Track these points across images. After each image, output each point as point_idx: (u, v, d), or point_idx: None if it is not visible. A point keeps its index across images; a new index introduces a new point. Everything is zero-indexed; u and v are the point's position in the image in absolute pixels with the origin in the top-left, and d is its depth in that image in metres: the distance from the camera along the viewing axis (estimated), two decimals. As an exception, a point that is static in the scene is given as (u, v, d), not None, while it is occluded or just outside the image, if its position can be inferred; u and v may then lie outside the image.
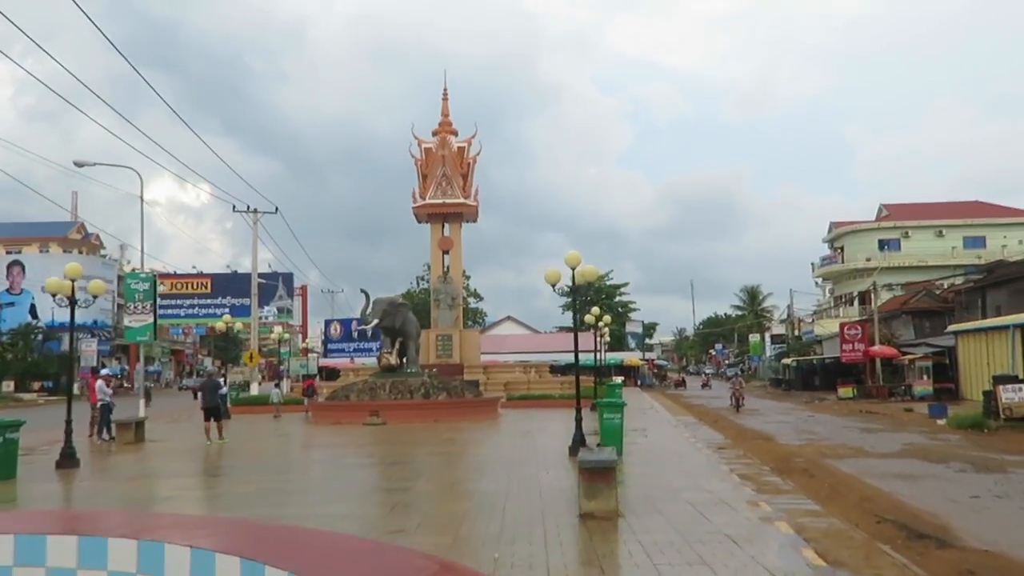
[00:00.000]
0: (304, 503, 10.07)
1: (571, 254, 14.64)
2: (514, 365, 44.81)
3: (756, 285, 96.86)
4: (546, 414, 27.46)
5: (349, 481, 11.84)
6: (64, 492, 11.79)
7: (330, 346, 76.59)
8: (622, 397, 29.87)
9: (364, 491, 10.83)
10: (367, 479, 11.98)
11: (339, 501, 9.97)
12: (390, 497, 10.27)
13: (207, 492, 11.39)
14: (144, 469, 14.50)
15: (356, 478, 12.19)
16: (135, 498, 10.98)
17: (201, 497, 10.87)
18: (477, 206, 42.88)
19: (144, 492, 11.71)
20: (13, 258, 73.28)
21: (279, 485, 11.71)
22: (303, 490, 11.16)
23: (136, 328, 24.12)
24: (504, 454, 15.35)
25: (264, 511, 9.17)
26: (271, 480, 12.35)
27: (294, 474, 13.24)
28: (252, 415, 30.07)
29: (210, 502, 10.48)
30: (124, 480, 13.15)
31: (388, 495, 10.45)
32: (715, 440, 20.17)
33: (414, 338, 27.73)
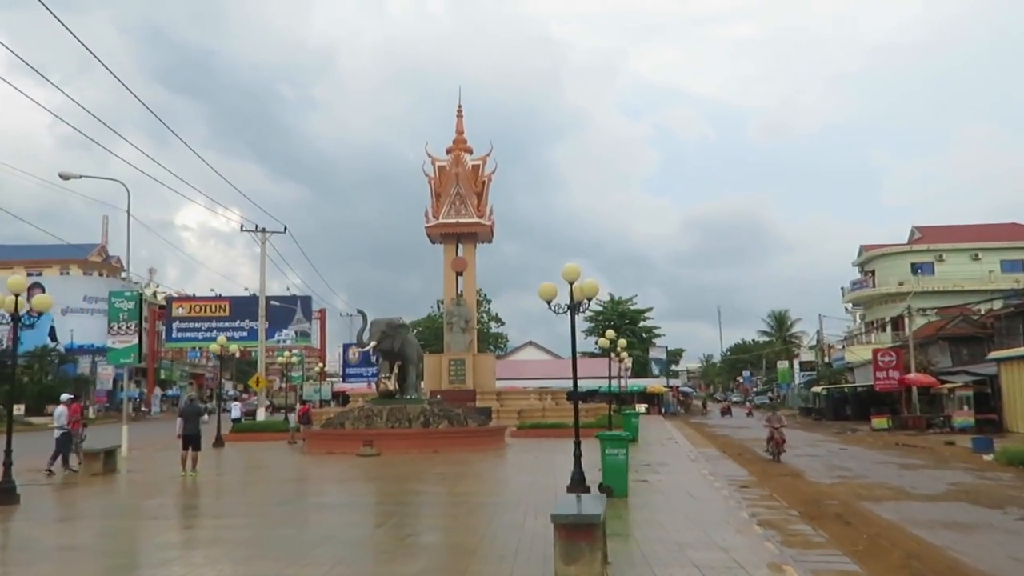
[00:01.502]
0: (230, 557, 8.44)
1: (568, 267, 12.99)
2: (530, 392, 43.00)
3: (784, 311, 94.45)
4: (557, 445, 25.59)
5: (294, 530, 10.13)
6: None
7: (348, 371, 75.33)
8: (638, 427, 28.22)
9: (304, 542, 9.12)
10: (317, 526, 10.26)
11: (265, 558, 8.30)
12: (330, 551, 8.56)
13: (130, 541, 9.76)
14: (88, 508, 12.95)
15: (305, 525, 10.46)
16: (42, 547, 9.40)
17: (116, 549, 9.24)
18: (492, 226, 41.39)
19: (59, 538, 10.12)
20: (34, 280, 72.84)
21: (220, 533, 10.09)
22: (238, 540, 9.49)
23: (119, 350, 22.69)
24: (494, 493, 13.63)
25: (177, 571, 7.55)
26: (212, 526, 10.75)
27: (244, 518, 11.56)
28: (254, 443, 28.53)
29: (126, 555, 8.87)
30: (52, 521, 11.61)
31: (330, 548, 8.73)
32: (737, 476, 18.27)
33: (414, 362, 26.07)
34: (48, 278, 73.34)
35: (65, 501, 13.82)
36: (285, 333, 68.33)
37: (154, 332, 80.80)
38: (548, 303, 13.15)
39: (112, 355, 23.25)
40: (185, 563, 8.05)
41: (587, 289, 12.98)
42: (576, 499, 7.83)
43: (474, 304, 42.78)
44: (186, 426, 17.48)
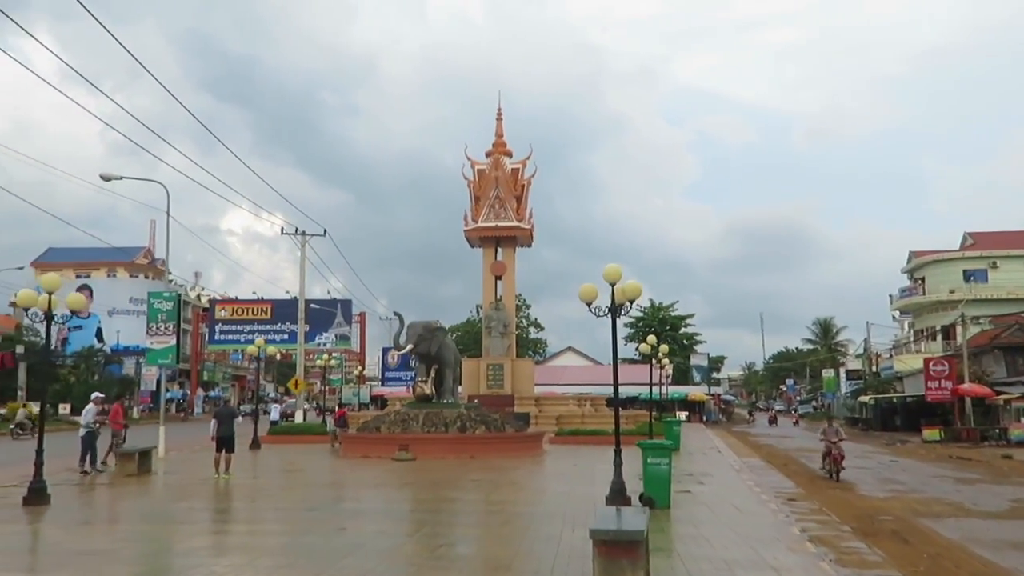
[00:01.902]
0: (255, 566, 8.08)
1: (610, 268, 12.46)
2: (569, 398, 42.39)
3: (830, 318, 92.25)
4: (596, 452, 25.00)
5: (323, 538, 9.76)
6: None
7: (388, 374, 75.43)
8: (680, 435, 27.48)
9: (332, 551, 8.73)
10: (347, 534, 9.86)
11: (291, 567, 7.93)
12: (358, 562, 8.16)
13: (153, 546, 9.48)
14: (116, 510, 12.77)
15: (335, 533, 10.07)
16: (63, 551, 9.17)
17: (137, 554, 8.95)
18: (531, 229, 40.92)
19: (83, 541, 9.89)
20: (82, 282, 74.19)
21: (247, 540, 9.79)
22: (265, 548, 9.15)
23: (157, 350, 22.67)
24: (530, 502, 13.14)
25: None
26: (240, 531, 10.46)
27: (273, 523, 11.23)
28: (292, 445, 28.38)
29: (147, 561, 8.58)
30: (78, 523, 11.38)
31: (358, 559, 8.32)
32: (784, 488, 17.55)
33: (451, 366, 25.67)
34: (96, 280, 74.75)
35: (95, 503, 13.67)
36: (325, 336, 68.56)
37: (197, 334, 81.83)
38: (588, 305, 12.64)
39: (150, 355, 23.27)
40: (207, 572, 7.72)
41: (629, 291, 12.44)
42: (616, 512, 7.32)
43: (513, 308, 42.31)
44: (220, 428, 17.32)
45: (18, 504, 12.55)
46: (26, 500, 12.66)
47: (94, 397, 18.47)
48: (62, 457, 21.03)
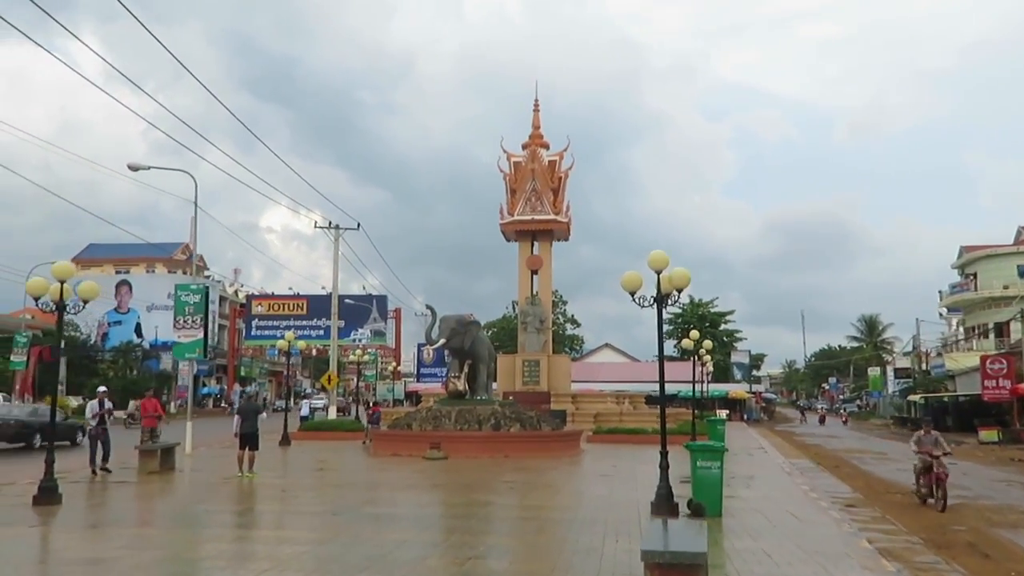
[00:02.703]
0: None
1: (655, 254, 11.45)
2: (607, 395, 41.27)
3: (875, 315, 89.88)
4: (636, 452, 23.99)
5: (342, 547, 8.91)
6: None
7: (423, 370, 74.93)
8: (724, 434, 26.30)
9: (349, 565, 7.87)
10: (368, 543, 8.98)
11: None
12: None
13: (159, 554, 8.69)
14: (129, 511, 12.04)
15: (356, 541, 9.20)
16: (64, 559, 8.45)
17: (141, 563, 8.15)
18: (568, 223, 39.85)
19: (88, 547, 9.16)
20: (121, 278, 74.76)
21: (260, 548, 8.99)
22: (278, 558, 8.32)
23: (184, 344, 22.09)
24: (568, 507, 12.17)
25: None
26: (254, 538, 9.68)
27: (291, 529, 10.36)
28: (322, 442, 27.79)
29: (149, 572, 7.78)
30: (87, 527, 10.69)
31: (373, 574, 7.47)
32: (840, 493, 16.38)
33: (485, 361, 24.75)
34: (135, 276, 75.25)
35: (108, 503, 12.98)
36: (361, 332, 68.22)
37: (234, 329, 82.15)
38: (632, 295, 11.65)
39: (177, 349, 22.70)
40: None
41: (676, 279, 11.42)
42: (665, 526, 6.34)
43: (549, 303, 41.30)
44: (243, 424, 16.62)
45: (28, 504, 11.94)
46: (36, 499, 12.05)
47: (98, 392, 17.62)
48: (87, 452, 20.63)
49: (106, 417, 16.73)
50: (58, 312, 12.26)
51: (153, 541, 9.32)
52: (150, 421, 20.45)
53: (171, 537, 9.71)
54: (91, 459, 16.37)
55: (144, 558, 8.21)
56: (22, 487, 13.71)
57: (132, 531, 9.86)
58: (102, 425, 16.54)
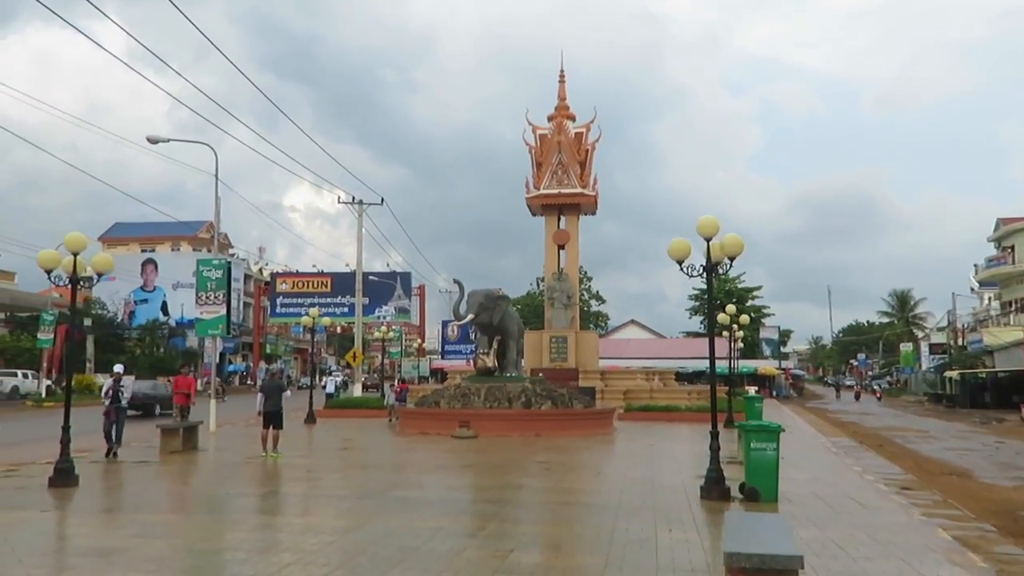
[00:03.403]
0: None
1: (704, 220, 10.58)
2: (636, 371, 40.45)
3: (907, 290, 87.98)
4: (671, 430, 23.23)
5: (372, 536, 8.22)
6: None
7: (447, 347, 74.56)
8: (762, 413, 25.40)
9: (380, 559, 7.15)
10: (400, 532, 8.27)
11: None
12: (407, 574, 6.59)
13: (173, 543, 8.04)
14: (148, 495, 11.40)
15: (387, 529, 8.48)
16: (72, 547, 7.85)
17: (154, 555, 7.51)
18: (596, 196, 38.82)
19: (99, 535, 8.56)
20: (147, 256, 74.81)
21: (284, 536, 8.33)
22: (302, 550, 7.65)
23: (207, 320, 21.52)
24: (610, 491, 11.40)
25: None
26: (277, 526, 9.04)
27: (317, 515, 9.72)
28: (347, 419, 27.31)
29: (160, 564, 7.13)
30: (101, 511, 10.12)
31: (407, 569, 6.76)
32: (892, 475, 15.47)
33: (515, 337, 23.97)
34: (160, 255, 75.30)
35: (127, 485, 12.39)
36: (385, 309, 67.76)
37: (259, 307, 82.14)
38: (679, 263, 10.79)
39: (200, 326, 22.15)
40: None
41: (728, 246, 10.56)
42: (744, 521, 5.55)
43: (576, 279, 40.43)
44: (266, 403, 16.00)
45: (44, 486, 11.41)
46: (52, 481, 11.52)
47: (113, 370, 16.45)
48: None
49: (120, 395, 15.83)
50: (72, 286, 11.64)
51: (169, 528, 8.70)
52: (181, 398, 20.19)
53: (189, 524, 9.09)
54: (106, 437, 15.58)
55: (158, 548, 7.58)
56: (41, 467, 13.20)
57: (148, 517, 9.24)
58: (115, 404, 15.66)
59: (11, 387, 42.13)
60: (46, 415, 28.08)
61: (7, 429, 21.34)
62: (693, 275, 10.86)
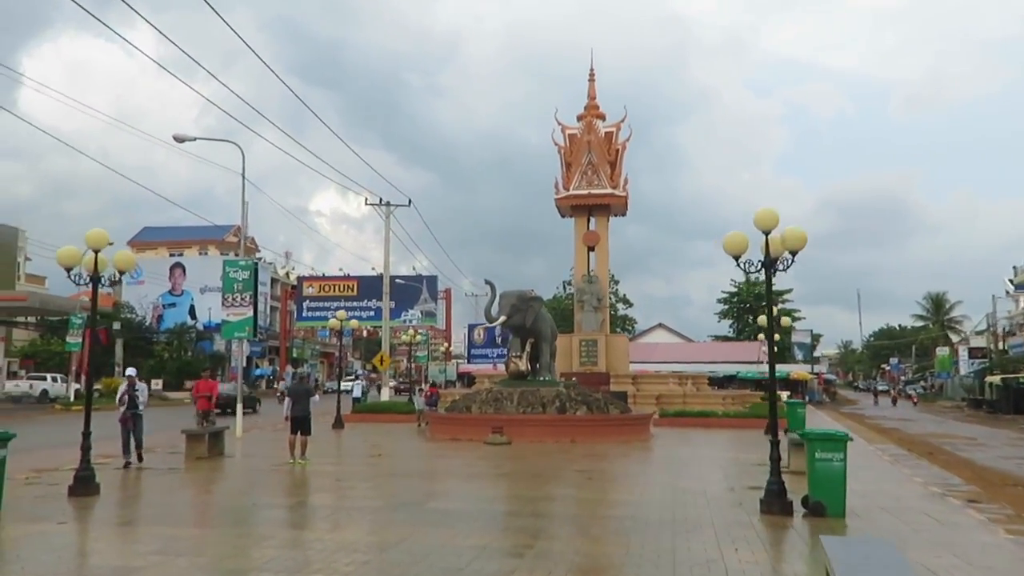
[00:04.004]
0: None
1: (763, 212, 9.84)
2: (668, 376, 39.52)
3: (942, 293, 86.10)
4: (710, 437, 22.40)
5: (409, 556, 7.55)
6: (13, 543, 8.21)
7: (473, 351, 74.01)
8: (805, 420, 24.46)
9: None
10: (439, 552, 7.59)
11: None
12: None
13: (195, 562, 7.42)
14: (171, 505, 10.81)
15: (424, 549, 7.79)
16: (87, 568, 7.27)
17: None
18: (626, 197, 37.99)
19: (116, 551, 7.98)
20: (175, 260, 75.03)
21: (315, 555, 7.68)
22: (335, 572, 7.00)
23: (234, 323, 21.06)
24: (661, 503, 10.65)
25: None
26: (307, 542, 8.41)
27: (349, 529, 9.06)
28: (375, 424, 26.80)
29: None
30: (119, 524, 9.52)
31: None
32: (952, 485, 14.57)
33: (548, 340, 23.26)
34: (188, 259, 75.52)
35: (149, 494, 11.81)
36: (411, 313, 67.37)
37: (286, 311, 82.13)
38: (736, 259, 10.05)
39: (226, 328, 21.66)
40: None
41: (790, 240, 9.79)
42: (847, 546, 4.81)
43: (607, 281, 39.63)
44: (294, 407, 15.41)
45: (64, 495, 10.89)
46: (72, 490, 10.99)
47: (127, 374, 15.42)
48: (151, 435, 19.77)
49: (137, 401, 14.82)
50: (92, 284, 11.12)
51: (192, 544, 8.08)
52: (203, 403, 18.94)
53: (213, 539, 8.47)
54: (124, 448, 14.57)
55: (179, 568, 6.96)
56: (64, 474, 12.69)
57: (170, 531, 8.64)
58: (131, 410, 14.65)
59: (40, 391, 42.19)
60: (74, 419, 27.76)
61: (35, 433, 20.97)
62: (750, 271, 10.11)
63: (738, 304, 77.69)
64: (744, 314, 77.75)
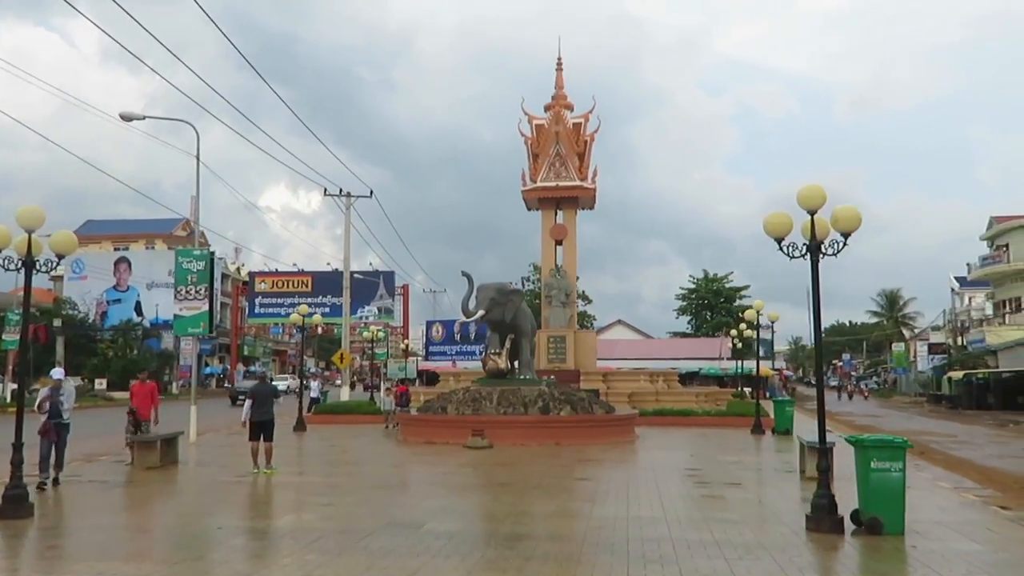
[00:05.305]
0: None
1: (806, 189, 8.66)
2: (639, 373, 38.56)
3: (896, 289, 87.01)
4: (694, 437, 21.33)
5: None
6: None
7: (431, 348, 72.46)
8: (792, 418, 23.58)
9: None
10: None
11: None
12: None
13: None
14: (117, 529, 9.23)
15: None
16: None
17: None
18: (595, 190, 36.85)
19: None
20: (120, 255, 71.70)
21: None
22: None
23: (187, 318, 19.30)
24: (688, 519, 9.39)
25: None
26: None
27: (321, 566, 7.65)
28: (338, 426, 25.21)
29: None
30: (42, 559, 7.73)
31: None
32: (970, 488, 13.69)
33: (529, 336, 21.91)
34: (134, 253, 72.27)
35: (91, 515, 10.09)
36: (368, 309, 65.53)
37: (237, 307, 79.43)
38: (778, 242, 8.86)
39: (179, 324, 19.85)
40: None
41: (842, 220, 8.62)
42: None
43: (575, 276, 38.45)
44: (257, 410, 13.75)
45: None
46: (1, 511, 9.33)
47: (52, 375, 12.78)
48: (86, 439, 18.00)
49: (61, 408, 12.19)
50: (26, 270, 9.48)
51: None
52: (144, 411, 15.30)
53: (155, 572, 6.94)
54: (41, 464, 11.95)
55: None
56: None
57: (115, 568, 7.08)
58: (54, 419, 12.11)
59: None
60: (8, 422, 25.61)
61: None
62: (794, 256, 8.93)
63: (696, 301, 77.36)
64: (702, 310, 77.48)
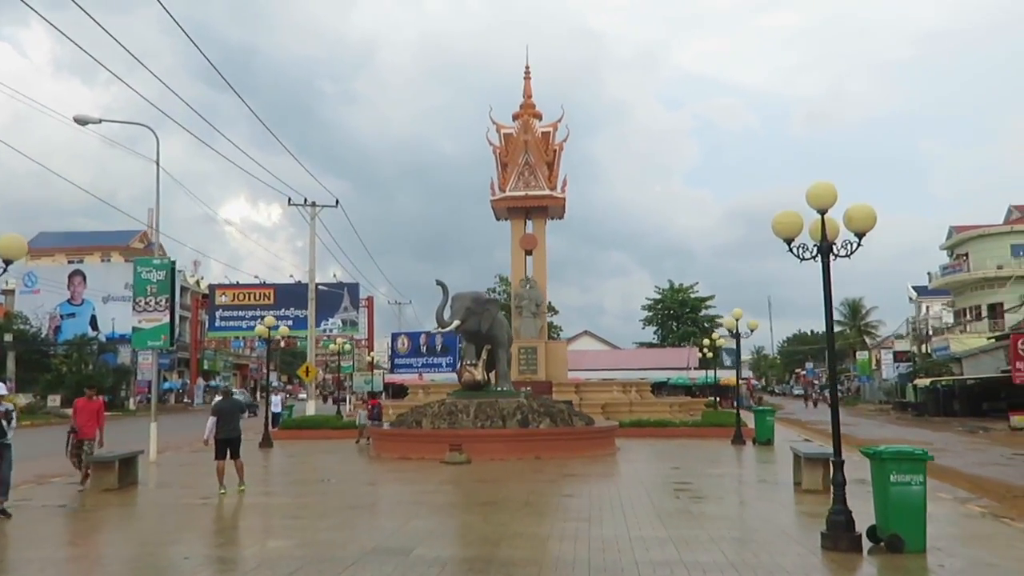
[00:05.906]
0: None
1: (816, 187, 8.18)
2: (611, 383, 38.12)
3: (859, 298, 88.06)
4: (675, 448, 20.85)
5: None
6: None
7: (397, 361, 71.28)
8: (774, 429, 23.24)
9: None
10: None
11: None
12: None
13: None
14: (68, 565, 8.39)
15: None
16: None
17: None
18: (564, 199, 36.46)
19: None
20: (75, 268, 69.40)
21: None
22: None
23: (146, 331, 18.31)
24: (696, 540, 8.82)
25: None
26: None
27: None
28: (305, 442, 24.33)
29: None
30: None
31: None
32: (964, 497, 13.36)
33: (505, 346, 21.25)
34: (89, 266, 70.06)
35: (43, 547, 9.15)
36: (332, 321, 64.34)
37: (197, 321, 77.57)
38: (788, 243, 8.38)
39: (137, 337, 18.80)
40: None
41: (857, 219, 8.15)
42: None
43: (545, 286, 37.96)
44: (223, 427, 12.92)
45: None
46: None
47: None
48: (36, 459, 16.97)
49: (5, 428, 10.76)
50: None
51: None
52: (89, 430, 13.77)
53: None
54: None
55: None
56: None
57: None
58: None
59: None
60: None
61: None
62: (805, 258, 8.45)
63: (663, 311, 77.46)
64: (668, 320, 77.59)
